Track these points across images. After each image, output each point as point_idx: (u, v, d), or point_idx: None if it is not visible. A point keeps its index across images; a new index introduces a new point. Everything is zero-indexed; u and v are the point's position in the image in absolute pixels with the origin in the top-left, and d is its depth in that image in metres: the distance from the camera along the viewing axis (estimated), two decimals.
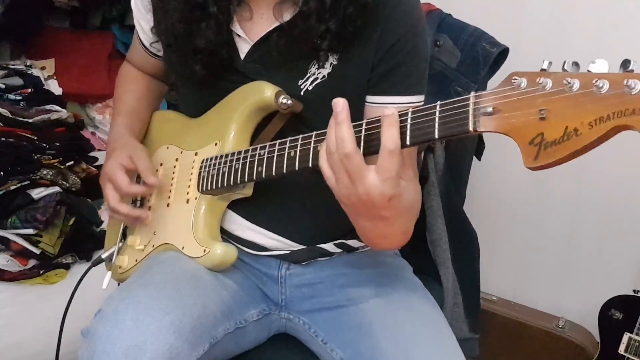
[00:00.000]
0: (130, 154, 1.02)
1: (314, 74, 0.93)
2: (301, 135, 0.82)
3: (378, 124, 0.72)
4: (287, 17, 0.91)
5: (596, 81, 0.55)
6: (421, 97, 0.96)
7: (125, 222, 1.10)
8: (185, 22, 0.93)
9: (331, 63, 0.92)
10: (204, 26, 0.92)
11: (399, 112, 0.71)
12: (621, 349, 1.56)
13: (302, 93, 0.94)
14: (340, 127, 0.71)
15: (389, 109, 0.70)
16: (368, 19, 0.89)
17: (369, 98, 0.96)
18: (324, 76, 0.93)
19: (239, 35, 0.95)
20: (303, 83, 0.93)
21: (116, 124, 1.12)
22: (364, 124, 0.74)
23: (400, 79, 0.93)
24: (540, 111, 0.58)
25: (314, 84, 0.93)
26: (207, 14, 0.91)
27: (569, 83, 0.56)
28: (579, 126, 0.55)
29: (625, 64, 0.55)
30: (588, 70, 0.57)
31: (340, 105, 0.71)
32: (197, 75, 0.95)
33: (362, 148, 0.74)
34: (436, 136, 0.67)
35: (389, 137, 0.69)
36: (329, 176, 0.75)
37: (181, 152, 1.06)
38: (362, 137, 0.74)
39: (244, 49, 0.96)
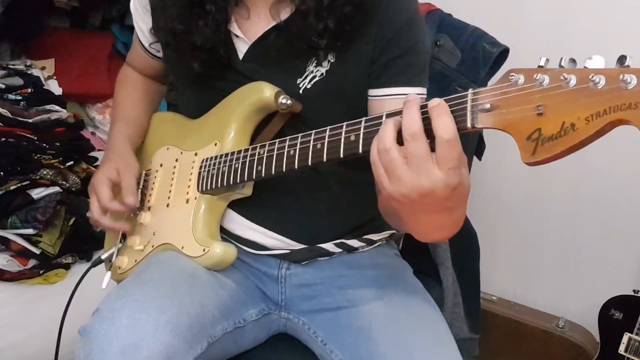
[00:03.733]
0: (119, 167, 1.04)
1: (312, 72, 0.93)
2: (300, 134, 0.82)
3: (378, 121, 0.71)
4: (284, 16, 0.91)
5: (592, 76, 0.55)
6: (424, 90, 0.96)
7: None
8: (183, 19, 0.93)
9: (329, 61, 0.93)
10: (202, 24, 0.92)
11: (394, 110, 0.70)
12: (621, 349, 1.55)
13: (301, 92, 0.94)
14: (412, 108, 0.66)
15: (434, 99, 0.65)
16: (364, 16, 0.89)
17: (371, 92, 0.95)
18: (322, 74, 0.93)
19: (237, 36, 0.95)
20: (302, 81, 0.94)
21: (115, 132, 1.13)
22: (362, 122, 0.73)
23: (401, 69, 0.93)
24: (537, 107, 0.58)
25: (312, 82, 0.93)
26: (204, 12, 0.92)
27: (566, 79, 0.57)
28: (575, 121, 0.56)
29: (622, 59, 0.55)
30: (585, 67, 0.57)
31: (412, 95, 0.67)
32: (195, 73, 0.96)
33: (360, 147, 0.73)
34: None
35: (443, 126, 0.63)
36: (381, 175, 0.68)
37: (181, 153, 1.06)
38: (361, 135, 0.73)
39: (242, 48, 0.96)
